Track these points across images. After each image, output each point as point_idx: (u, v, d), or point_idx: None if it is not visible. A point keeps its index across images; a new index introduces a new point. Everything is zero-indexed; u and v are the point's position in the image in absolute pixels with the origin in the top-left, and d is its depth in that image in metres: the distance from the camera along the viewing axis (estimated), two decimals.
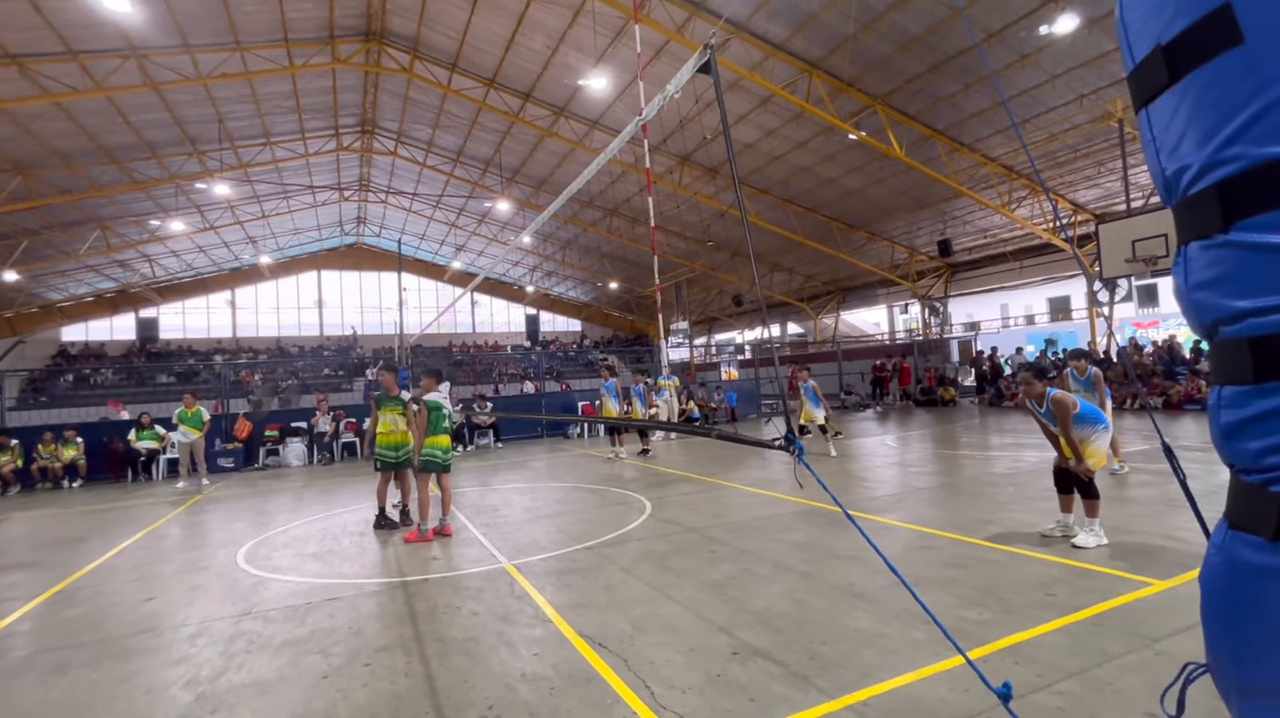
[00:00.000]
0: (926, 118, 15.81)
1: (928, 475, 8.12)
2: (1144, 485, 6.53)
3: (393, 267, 32.69)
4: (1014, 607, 3.56)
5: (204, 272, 30.44)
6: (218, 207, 22.70)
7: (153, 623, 4.25)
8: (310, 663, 3.43)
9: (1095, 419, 4.83)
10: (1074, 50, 12.64)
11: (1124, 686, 2.66)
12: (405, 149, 22.54)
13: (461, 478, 10.41)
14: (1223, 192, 0.62)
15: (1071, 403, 4.80)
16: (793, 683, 2.87)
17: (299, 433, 14.71)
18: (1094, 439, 4.78)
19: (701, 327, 37.87)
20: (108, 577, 5.52)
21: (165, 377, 26.49)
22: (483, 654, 3.40)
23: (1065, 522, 4.90)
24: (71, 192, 17.72)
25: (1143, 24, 0.70)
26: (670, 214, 22.28)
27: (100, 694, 3.22)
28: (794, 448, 1.96)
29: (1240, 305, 0.62)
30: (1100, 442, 4.78)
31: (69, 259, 22.25)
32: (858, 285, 28.20)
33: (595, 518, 6.72)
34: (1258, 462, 0.62)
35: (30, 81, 12.88)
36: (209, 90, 15.50)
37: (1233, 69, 0.60)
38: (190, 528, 7.67)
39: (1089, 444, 4.76)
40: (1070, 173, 17.40)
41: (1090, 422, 4.81)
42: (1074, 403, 4.82)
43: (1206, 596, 0.68)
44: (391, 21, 15.62)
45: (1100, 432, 4.81)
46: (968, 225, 21.50)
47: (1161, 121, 0.69)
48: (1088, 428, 4.80)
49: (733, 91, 15.38)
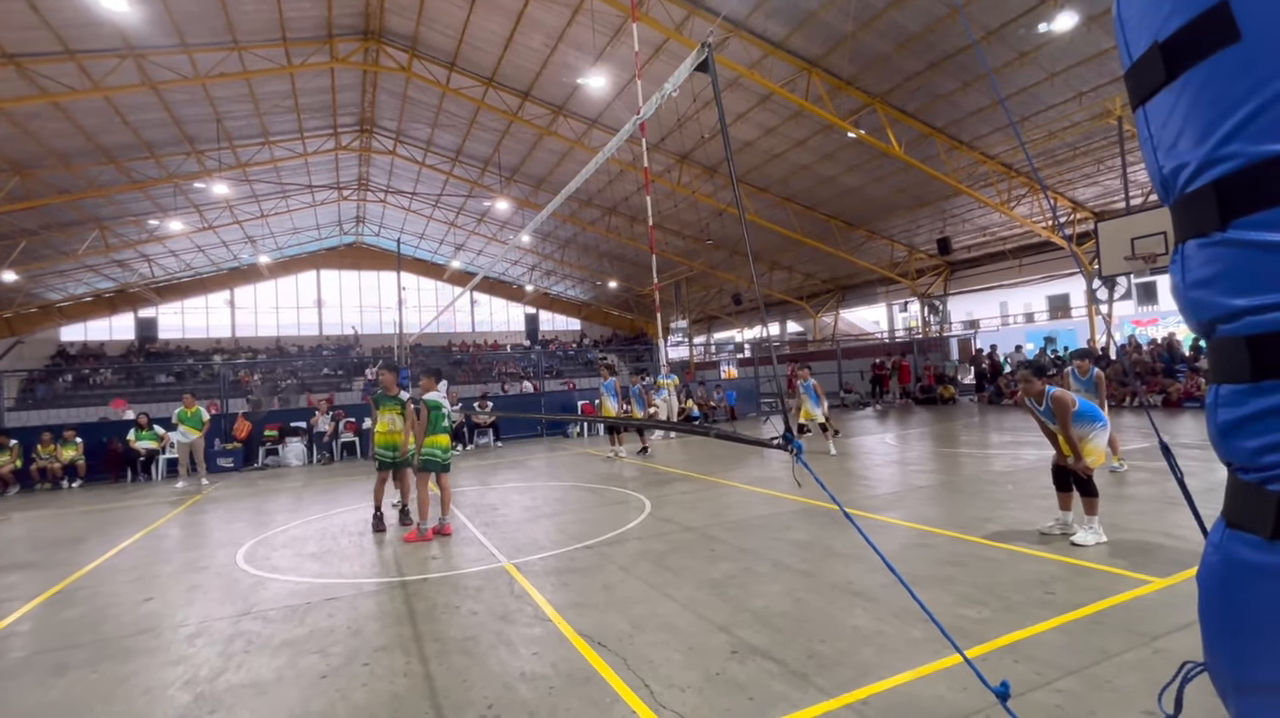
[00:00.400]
0: (925, 116, 15.80)
1: (927, 474, 8.12)
2: (1143, 483, 6.53)
3: (392, 266, 32.66)
4: (1013, 605, 3.56)
5: (203, 271, 30.40)
6: (216, 206, 22.67)
7: (151, 623, 4.25)
8: (309, 663, 3.43)
9: (1094, 417, 4.83)
10: (1073, 48, 12.63)
11: (1123, 683, 2.67)
12: (404, 148, 22.51)
13: (461, 477, 10.40)
14: (1220, 189, 0.62)
15: (1071, 401, 4.80)
16: (792, 682, 2.88)
17: (298, 433, 14.70)
18: (1092, 437, 4.78)
19: (701, 325, 37.87)
20: (107, 577, 5.51)
21: (164, 377, 26.47)
22: (482, 654, 3.39)
23: (1064, 519, 4.90)
24: (70, 191, 17.69)
25: (1140, 21, 0.69)
26: (669, 213, 22.27)
27: (99, 695, 3.22)
28: (792, 447, 1.95)
29: (1238, 304, 0.61)
30: (1099, 440, 4.79)
31: (67, 259, 22.22)
32: (857, 284, 28.20)
33: (594, 517, 6.72)
34: (1255, 460, 0.62)
35: (28, 81, 12.85)
36: (207, 90, 15.48)
37: (1230, 66, 0.60)
38: (189, 528, 7.66)
39: (1087, 442, 4.76)
40: (1069, 171, 17.39)
41: (1089, 419, 4.81)
42: (1073, 401, 4.82)
43: (1204, 594, 0.68)
44: (390, 20, 15.59)
45: (1099, 430, 4.81)
46: (967, 223, 21.49)
47: (1159, 119, 0.69)
48: (1086, 426, 4.80)
49: (731, 90, 15.36)
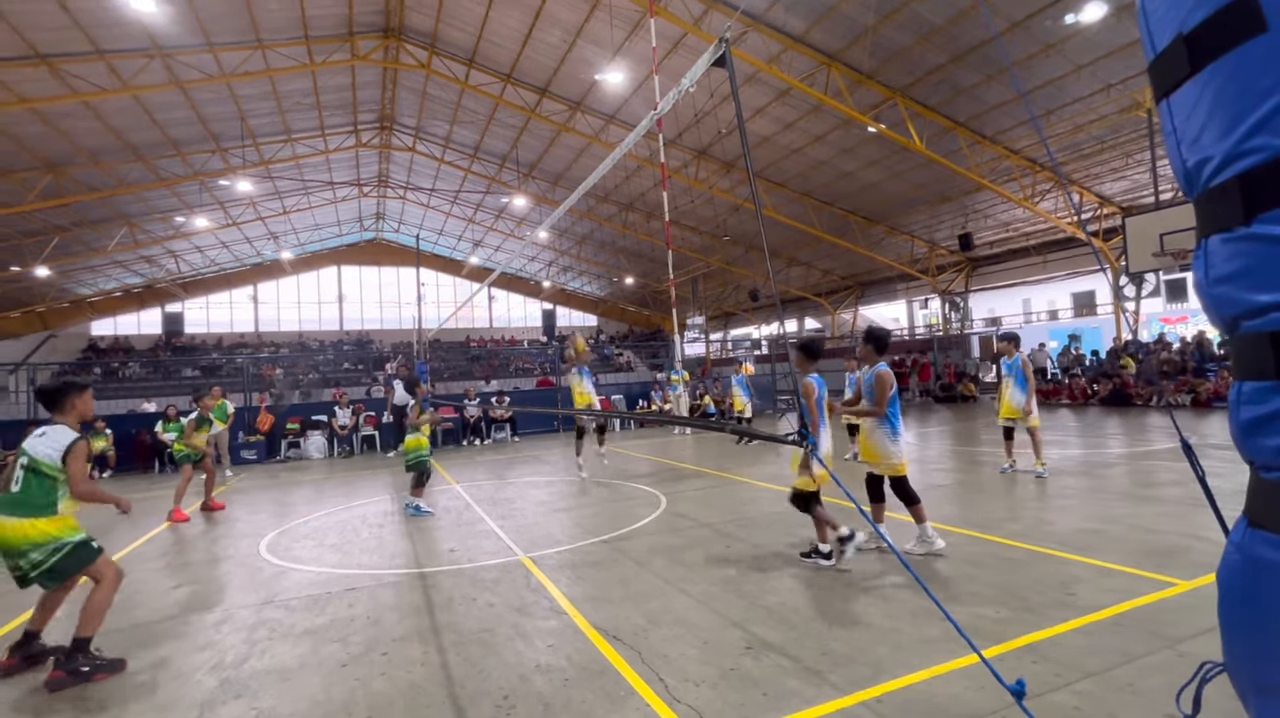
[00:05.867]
0: (947, 110, 15.54)
1: (946, 472, 8.03)
2: (1171, 484, 6.40)
3: (411, 262, 32.96)
4: (1032, 605, 3.52)
5: (227, 267, 30.97)
6: (240, 203, 23.08)
7: (179, 611, 4.37)
8: (330, 651, 3.50)
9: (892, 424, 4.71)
10: (1101, 39, 12.34)
11: (1144, 686, 2.62)
12: (423, 145, 22.70)
13: (478, 472, 10.53)
14: (1245, 183, 0.61)
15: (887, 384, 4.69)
16: (806, 678, 2.87)
17: (319, 426, 14.95)
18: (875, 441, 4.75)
19: (718, 321, 37.72)
20: (137, 565, 5.67)
21: (190, 370, 27.04)
22: (498, 645, 3.44)
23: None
24: (100, 189, 18.11)
25: (1164, 13, 0.68)
26: (686, 208, 22.19)
27: (130, 679, 3.32)
28: (806, 443, 1.95)
29: (1262, 300, 0.61)
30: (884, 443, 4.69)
31: (98, 255, 22.79)
32: (876, 280, 27.88)
33: (610, 512, 6.75)
34: (1278, 459, 0.61)
35: (60, 81, 13.17)
36: (231, 88, 15.74)
37: (1256, 58, 0.59)
38: (214, 518, 7.84)
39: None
40: (1096, 165, 17.01)
41: (887, 429, 4.69)
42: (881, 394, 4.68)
43: (1224, 594, 0.68)
44: (410, 18, 15.72)
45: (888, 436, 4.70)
46: (989, 219, 21.14)
47: (1183, 112, 0.68)
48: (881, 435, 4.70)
49: (750, 84, 15.25)
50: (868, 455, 4.87)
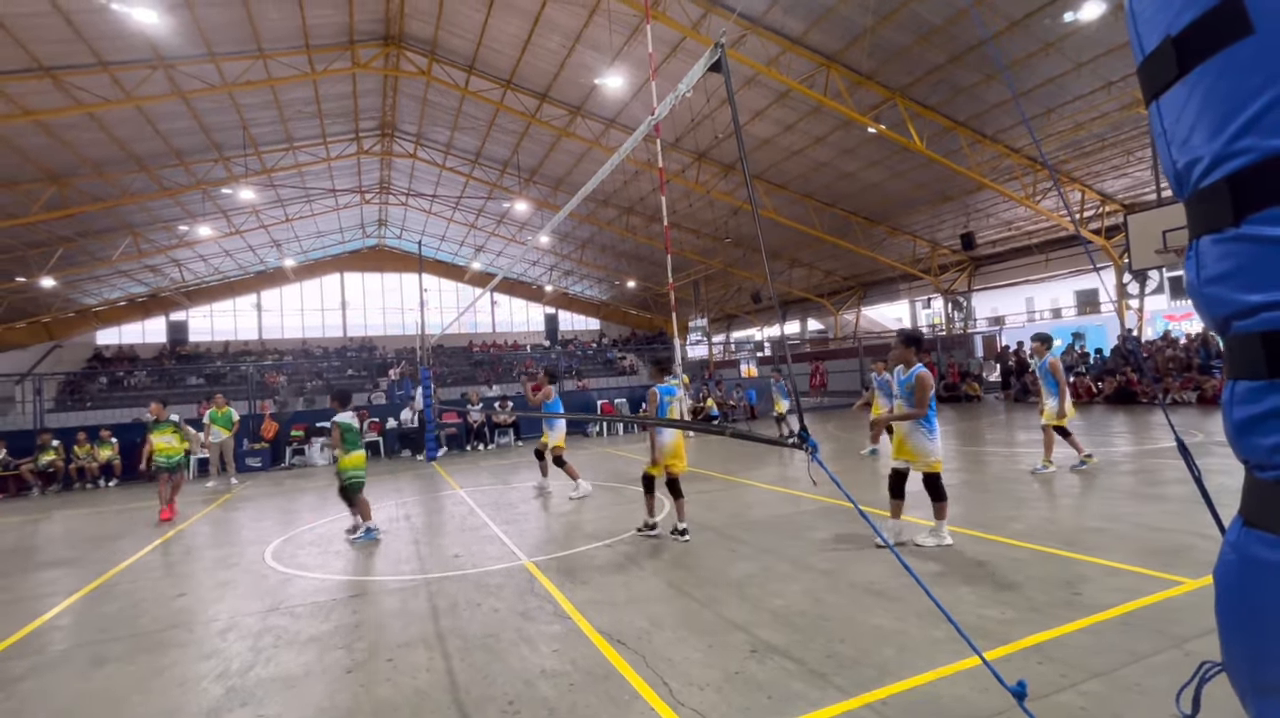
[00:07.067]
0: (947, 110, 15.54)
1: (950, 472, 7.99)
2: (1177, 483, 6.37)
3: (413, 268, 33.04)
4: (1038, 605, 3.51)
5: (230, 275, 31.11)
6: (243, 211, 23.17)
7: (185, 618, 4.37)
8: (335, 658, 3.50)
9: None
10: (1100, 36, 12.33)
11: (1151, 686, 2.61)
12: (424, 151, 22.78)
13: (482, 476, 10.54)
14: (1234, 184, 0.61)
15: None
16: (811, 681, 2.87)
17: (324, 433, 14.97)
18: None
19: (720, 324, 37.71)
20: (142, 573, 5.68)
21: (195, 378, 27.14)
22: (503, 651, 3.44)
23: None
24: (104, 199, 18.22)
25: (1152, 15, 0.69)
26: (686, 211, 22.19)
27: (136, 686, 3.33)
28: (807, 445, 1.95)
29: (1253, 300, 0.61)
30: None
31: (102, 265, 22.90)
32: (879, 280, 27.84)
33: (614, 516, 6.75)
34: (1272, 458, 0.61)
35: (64, 93, 13.27)
36: (233, 97, 15.82)
37: (1243, 60, 0.59)
38: (219, 526, 7.86)
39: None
40: (1098, 162, 16.97)
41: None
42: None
43: (1221, 593, 0.68)
44: (409, 25, 15.79)
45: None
46: (991, 218, 21.10)
47: (1172, 114, 0.68)
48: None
49: (749, 86, 15.27)
50: (904, 454, 4.93)
